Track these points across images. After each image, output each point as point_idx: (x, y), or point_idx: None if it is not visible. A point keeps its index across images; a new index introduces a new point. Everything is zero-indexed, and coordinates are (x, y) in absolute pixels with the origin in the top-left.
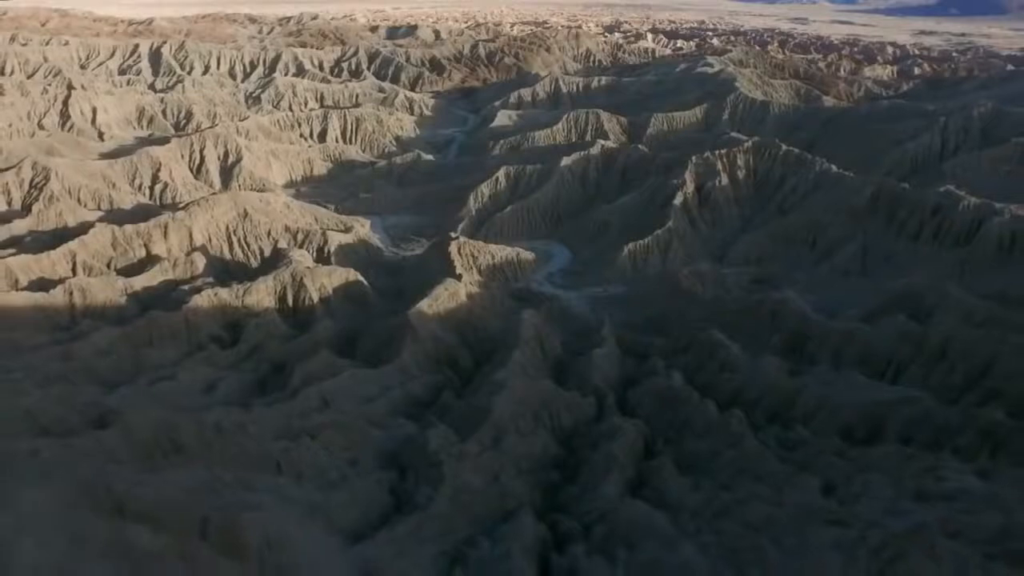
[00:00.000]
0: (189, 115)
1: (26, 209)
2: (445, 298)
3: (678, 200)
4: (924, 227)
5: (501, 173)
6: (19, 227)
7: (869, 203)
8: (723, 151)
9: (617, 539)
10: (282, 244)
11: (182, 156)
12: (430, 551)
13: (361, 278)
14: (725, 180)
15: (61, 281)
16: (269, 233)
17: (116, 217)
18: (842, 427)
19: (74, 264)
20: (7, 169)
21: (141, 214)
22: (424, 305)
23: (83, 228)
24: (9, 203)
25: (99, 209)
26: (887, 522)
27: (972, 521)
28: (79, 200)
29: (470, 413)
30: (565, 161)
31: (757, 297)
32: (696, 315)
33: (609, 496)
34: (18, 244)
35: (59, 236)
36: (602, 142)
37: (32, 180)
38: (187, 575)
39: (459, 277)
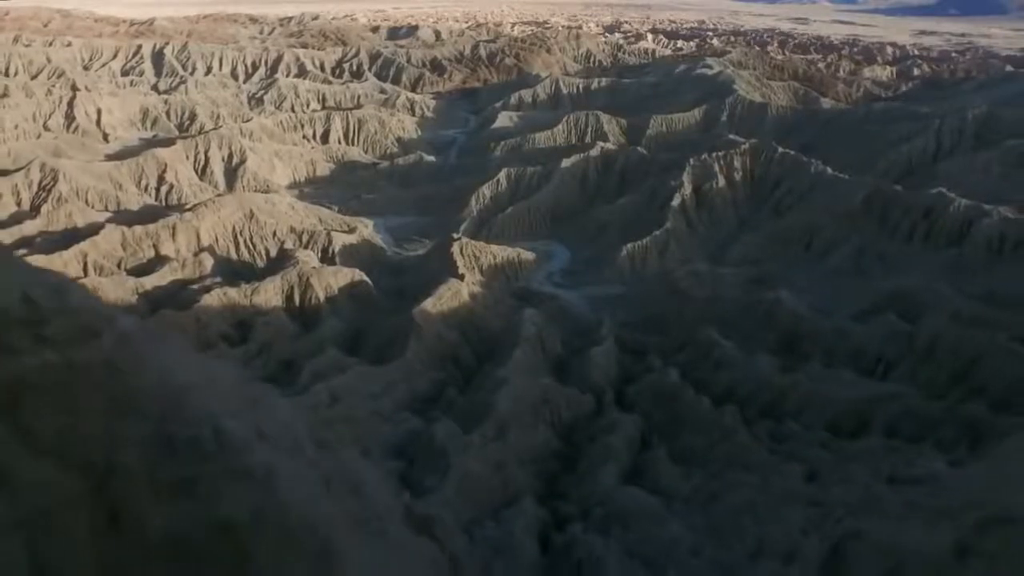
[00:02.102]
0: (193, 116)
1: (35, 210)
2: (448, 297)
3: (676, 201)
4: (916, 228)
5: (502, 174)
6: (29, 228)
7: (863, 205)
8: (720, 153)
9: (612, 520)
10: (288, 245)
11: (187, 157)
12: None
13: (366, 278)
14: (722, 182)
15: (74, 281)
16: (275, 234)
17: (124, 218)
18: (830, 421)
19: (85, 264)
20: (16, 171)
21: (149, 215)
22: (428, 304)
23: (92, 229)
24: (19, 204)
25: (106, 210)
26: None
27: (931, 497)
28: (87, 201)
29: (473, 408)
30: (565, 163)
31: (752, 297)
32: (693, 314)
33: (606, 484)
34: (30, 245)
35: (69, 237)
36: (601, 144)
37: (41, 182)
38: None
39: (461, 277)
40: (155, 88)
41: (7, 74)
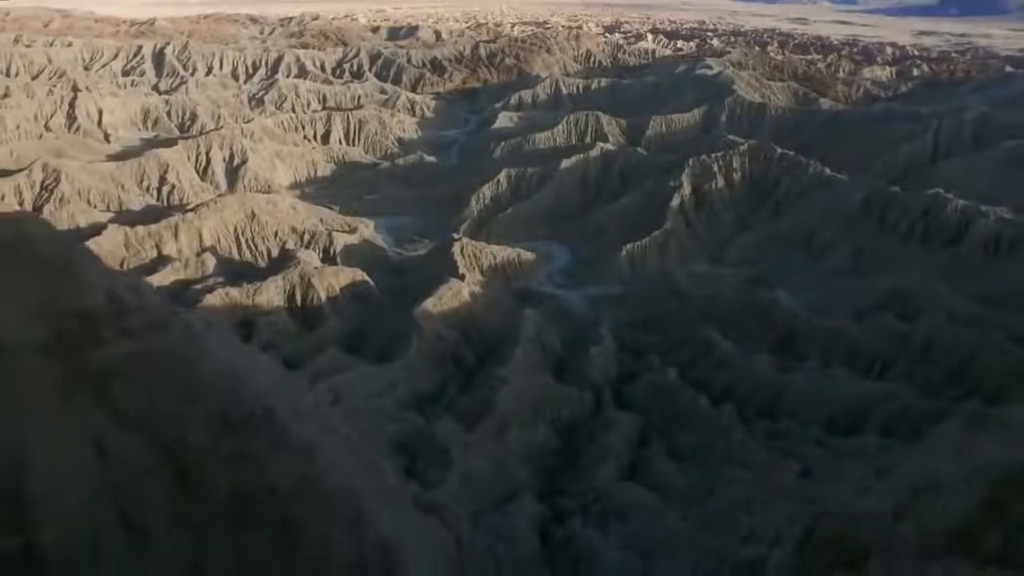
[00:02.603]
0: (194, 117)
1: (38, 210)
2: (449, 297)
3: (675, 202)
4: (914, 229)
5: (502, 175)
6: None
7: (861, 205)
8: (720, 154)
9: (610, 514)
10: (289, 245)
11: (188, 158)
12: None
13: (367, 278)
14: (721, 182)
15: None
16: (276, 234)
17: (126, 218)
18: (827, 419)
19: None
20: (19, 171)
21: (151, 215)
22: (429, 304)
23: (95, 229)
24: (21, 204)
25: (108, 210)
26: (850, 498)
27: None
28: (89, 201)
29: (474, 407)
30: (565, 163)
31: (750, 297)
32: (691, 314)
33: (604, 480)
34: None
35: (72, 237)
36: (601, 145)
37: (43, 182)
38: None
39: (462, 277)
40: (156, 88)
41: (8, 74)
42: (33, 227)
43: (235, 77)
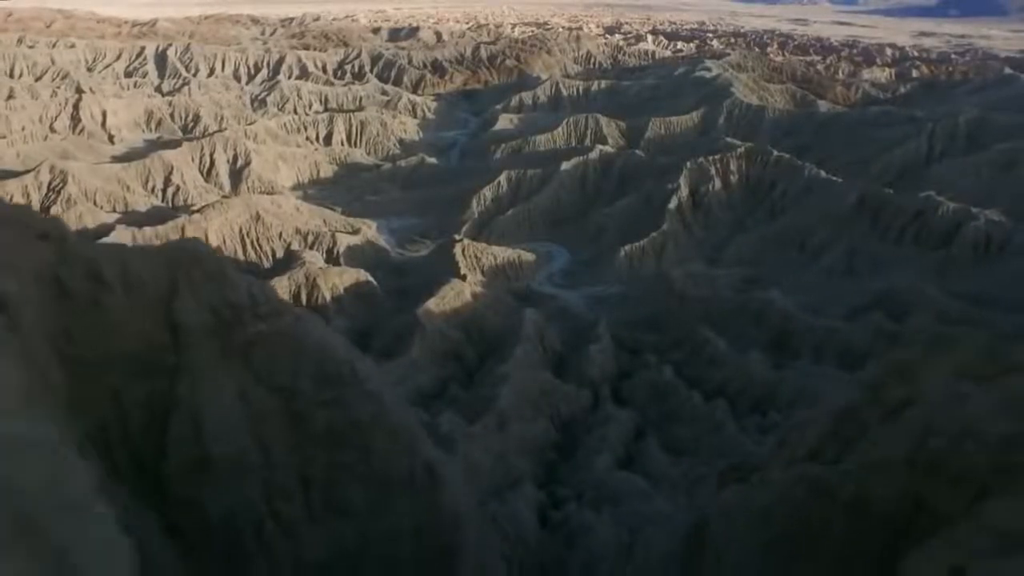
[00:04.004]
0: (197, 118)
1: (45, 211)
2: (451, 297)
3: (673, 204)
4: (906, 230)
5: (503, 177)
6: None
7: (855, 207)
8: (717, 156)
9: (604, 499)
10: (294, 246)
11: (193, 159)
12: None
13: (371, 278)
14: (718, 185)
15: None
16: (281, 235)
17: (133, 219)
18: None
19: None
20: (25, 172)
21: (157, 216)
22: (431, 304)
23: (103, 230)
24: (29, 205)
25: (115, 211)
26: None
27: None
28: (95, 203)
29: (476, 402)
30: (565, 165)
31: (745, 297)
32: (688, 313)
33: (600, 470)
34: None
35: (79, 238)
36: (601, 147)
37: (50, 183)
38: None
39: (464, 277)
40: (158, 90)
41: (12, 76)
42: (199, 246)
43: (237, 78)
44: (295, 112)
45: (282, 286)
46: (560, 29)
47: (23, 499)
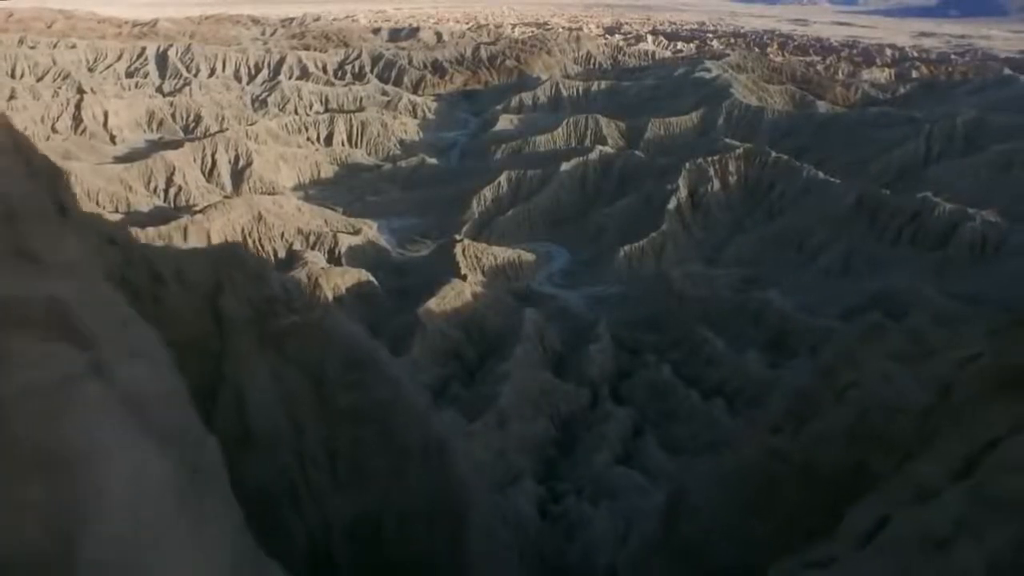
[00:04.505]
0: (198, 118)
1: None
2: (451, 297)
3: (672, 204)
4: (903, 231)
5: (503, 177)
6: None
7: (853, 208)
8: (716, 157)
9: (602, 494)
10: (296, 246)
11: (195, 160)
12: None
13: (372, 278)
14: (717, 185)
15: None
16: (283, 235)
17: (136, 220)
18: None
19: None
20: None
21: (159, 217)
22: (432, 304)
23: None
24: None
25: (117, 212)
26: None
27: None
28: (98, 203)
29: (477, 401)
30: (565, 166)
31: (743, 297)
32: (687, 313)
33: (599, 466)
34: None
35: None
36: (600, 147)
37: None
38: None
39: (464, 277)
40: (159, 90)
41: (13, 76)
42: (241, 250)
43: (238, 79)
44: (296, 112)
45: None
46: (560, 29)
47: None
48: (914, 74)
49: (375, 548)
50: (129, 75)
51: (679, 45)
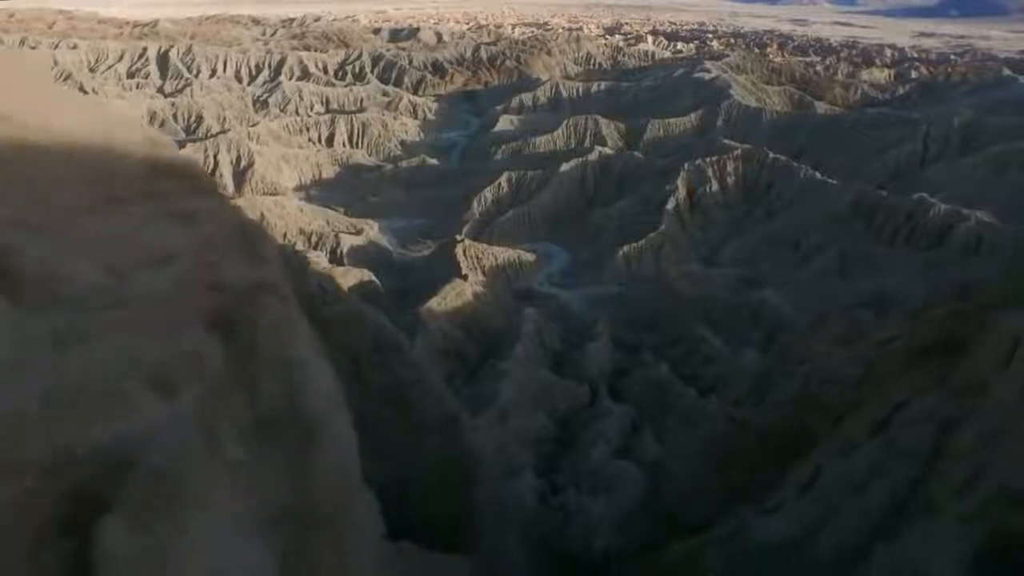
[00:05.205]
0: (199, 119)
1: None
2: (452, 296)
3: (670, 205)
4: (899, 232)
5: (503, 178)
6: None
7: (849, 209)
8: (714, 158)
9: (600, 486)
10: (298, 246)
11: (197, 160)
12: None
13: (374, 278)
14: (715, 186)
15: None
16: (285, 236)
17: None
18: None
19: None
20: None
21: None
22: (433, 303)
23: None
24: None
25: None
26: None
27: None
28: None
29: (477, 398)
30: (564, 167)
31: (740, 297)
32: (685, 313)
33: (597, 460)
34: None
35: None
36: (600, 148)
37: None
38: None
39: (465, 277)
40: (161, 91)
41: None
42: (289, 250)
43: (239, 79)
44: (297, 113)
45: None
46: (560, 30)
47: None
48: (913, 74)
49: (401, 511)
50: (130, 76)
51: (679, 45)
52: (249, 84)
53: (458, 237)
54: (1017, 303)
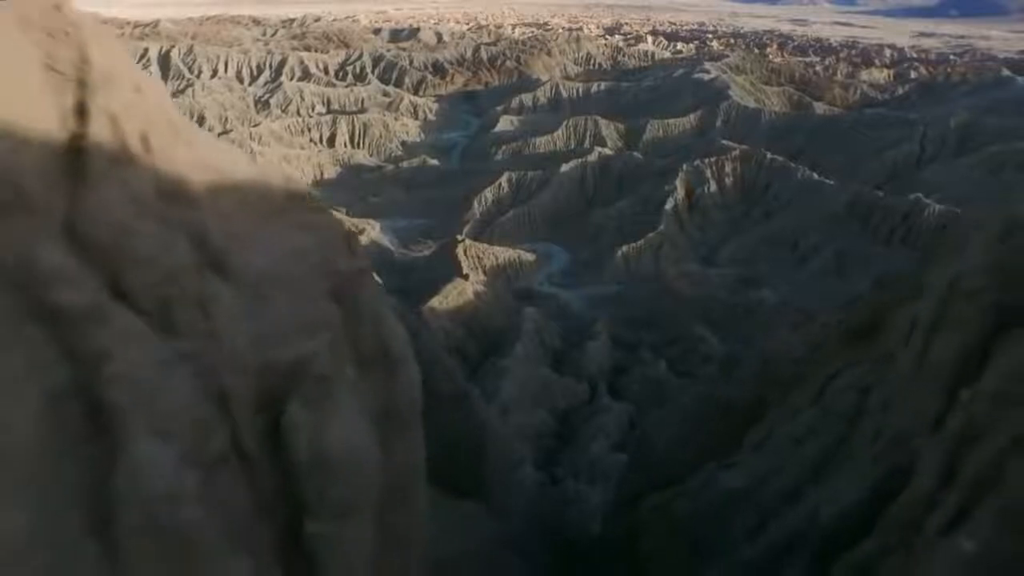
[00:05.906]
0: (201, 120)
1: None
2: (454, 296)
3: (669, 205)
4: (895, 232)
5: (504, 178)
6: None
7: (846, 209)
8: (713, 159)
9: (598, 476)
10: None
11: None
12: None
13: (376, 278)
14: (714, 187)
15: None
16: None
17: None
18: None
19: None
20: None
21: None
22: (435, 302)
23: None
24: None
25: None
26: None
27: None
28: None
29: (478, 396)
30: (564, 168)
31: (738, 296)
32: (683, 312)
33: (596, 453)
34: None
35: None
36: (600, 149)
37: None
38: None
39: (466, 277)
40: None
41: None
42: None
43: (240, 80)
44: (298, 114)
45: None
46: (560, 30)
47: None
48: (913, 75)
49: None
50: None
51: (679, 46)
52: (250, 84)
53: (459, 237)
54: (920, 293)
